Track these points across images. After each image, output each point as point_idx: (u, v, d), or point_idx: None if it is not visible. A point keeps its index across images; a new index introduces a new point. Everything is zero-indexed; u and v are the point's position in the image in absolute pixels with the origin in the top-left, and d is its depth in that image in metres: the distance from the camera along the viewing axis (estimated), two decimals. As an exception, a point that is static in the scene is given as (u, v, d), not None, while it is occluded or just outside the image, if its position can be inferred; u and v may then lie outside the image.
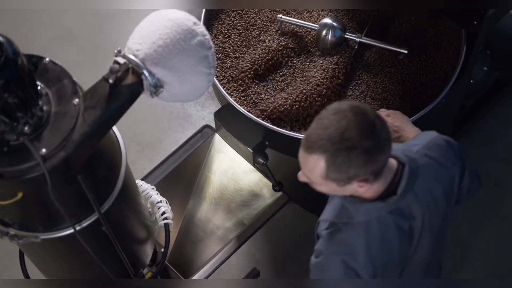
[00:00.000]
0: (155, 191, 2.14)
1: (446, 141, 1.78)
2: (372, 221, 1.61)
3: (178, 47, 1.41)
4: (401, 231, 1.65)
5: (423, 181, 1.65)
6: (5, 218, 1.52)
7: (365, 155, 1.47)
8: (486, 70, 2.95)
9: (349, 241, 1.62)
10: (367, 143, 1.46)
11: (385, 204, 1.60)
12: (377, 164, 1.51)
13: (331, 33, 2.48)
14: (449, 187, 1.74)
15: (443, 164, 1.73)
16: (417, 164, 1.65)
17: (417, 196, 1.65)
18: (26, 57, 1.31)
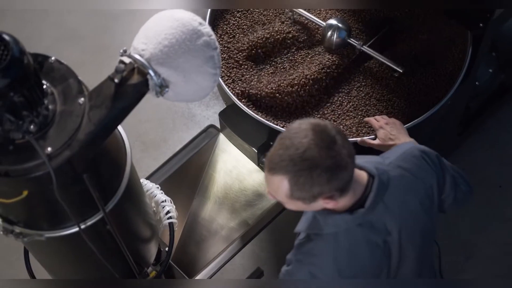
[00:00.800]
0: (160, 190, 2.14)
1: (421, 151, 1.79)
2: (340, 233, 1.63)
3: (183, 47, 1.41)
4: (373, 244, 1.66)
5: (395, 193, 1.67)
6: (10, 216, 1.52)
7: (327, 173, 1.49)
8: (491, 72, 2.94)
9: (316, 252, 1.65)
10: (328, 161, 1.49)
11: (352, 216, 1.62)
12: (341, 181, 1.53)
13: (336, 34, 2.48)
14: (427, 198, 1.74)
15: (417, 175, 1.73)
16: (388, 176, 1.67)
17: (390, 208, 1.66)
18: (32, 56, 1.31)
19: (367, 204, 1.61)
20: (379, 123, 2.14)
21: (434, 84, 2.41)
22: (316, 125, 1.52)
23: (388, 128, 2.09)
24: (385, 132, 2.09)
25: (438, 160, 1.81)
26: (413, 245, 1.72)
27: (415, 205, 1.71)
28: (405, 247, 1.70)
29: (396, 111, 2.37)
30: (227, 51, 2.54)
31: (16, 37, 1.26)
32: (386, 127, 2.10)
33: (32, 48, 1.33)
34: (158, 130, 3.45)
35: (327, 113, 2.39)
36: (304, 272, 1.65)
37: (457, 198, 1.87)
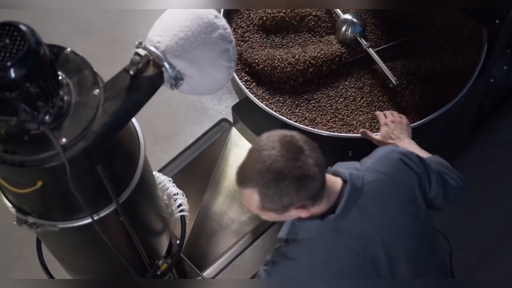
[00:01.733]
0: (172, 183, 2.14)
1: (400, 153, 1.79)
2: (314, 239, 1.65)
3: (199, 40, 1.41)
4: (349, 250, 1.66)
5: (371, 197, 1.67)
6: (24, 207, 1.53)
7: (295, 184, 1.52)
8: (506, 70, 2.93)
9: (291, 256, 1.67)
10: (295, 172, 1.51)
11: (323, 222, 1.63)
12: (310, 191, 1.55)
13: (351, 29, 2.48)
14: (408, 200, 1.73)
15: (395, 178, 1.73)
16: (363, 181, 1.67)
17: (367, 213, 1.66)
18: (48, 47, 1.31)
19: (338, 210, 1.63)
20: (385, 120, 2.14)
21: (448, 81, 2.40)
22: (282, 136, 1.55)
23: (392, 127, 2.10)
24: (388, 130, 2.10)
25: (420, 161, 1.80)
26: (401, 246, 1.71)
27: (395, 208, 1.71)
28: (392, 249, 1.69)
29: (410, 107, 2.36)
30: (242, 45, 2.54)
31: (32, 28, 1.27)
32: (390, 125, 2.11)
33: (45, 40, 1.33)
34: (170, 123, 3.46)
35: (340, 108, 2.39)
36: (279, 274, 1.67)
37: (448, 195, 1.85)
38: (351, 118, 2.36)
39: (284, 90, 2.44)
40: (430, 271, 1.80)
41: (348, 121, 2.36)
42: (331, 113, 2.38)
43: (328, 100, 2.41)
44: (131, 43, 1.45)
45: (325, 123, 2.36)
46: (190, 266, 2.36)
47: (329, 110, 2.39)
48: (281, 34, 2.58)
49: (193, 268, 2.35)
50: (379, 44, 2.52)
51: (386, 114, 2.18)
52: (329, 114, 2.38)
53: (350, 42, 2.49)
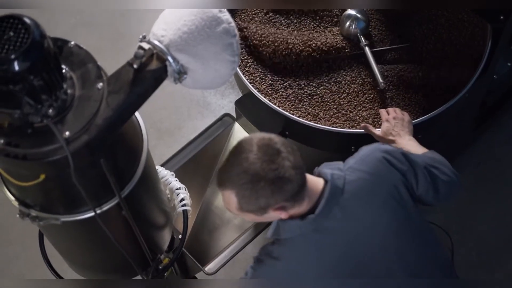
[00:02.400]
0: (174, 177, 2.14)
1: (383, 151, 1.79)
2: (297, 238, 1.67)
3: (203, 34, 1.40)
4: (333, 250, 1.68)
5: (353, 196, 1.68)
6: (27, 200, 1.53)
7: (270, 186, 1.55)
8: (510, 66, 2.92)
9: (275, 255, 1.69)
10: (271, 174, 1.54)
11: (303, 222, 1.65)
12: (286, 193, 1.58)
13: (354, 24, 2.48)
14: (391, 197, 1.74)
15: (376, 177, 1.74)
16: (344, 180, 1.69)
17: (349, 212, 1.68)
18: (51, 40, 1.31)
19: (317, 210, 1.65)
20: (386, 116, 2.14)
21: (451, 77, 2.40)
22: (260, 139, 1.59)
23: (393, 123, 2.11)
24: (389, 126, 2.11)
25: (405, 158, 1.80)
26: (389, 245, 1.72)
27: (377, 206, 1.72)
28: (379, 249, 1.71)
29: (413, 103, 2.36)
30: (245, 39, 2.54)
31: (36, 21, 1.26)
32: (391, 122, 2.12)
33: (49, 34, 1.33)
34: (173, 118, 3.46)
35: (343, 103, 2.39)
36: (264, 272, 1.71)
37: (439, 190, 1.85)
38: (354, 113, 2.36)
39: (281, 74, 2.47)
40: (430, 266, 1.80)
41: (351, 116, 2.35)
42: (334, 109, 2.38)
43: (331, 95, 2.41)
44: (135, 38, 1.45)
45: (328, 119, 2.36)
46: (192, 261, 2.36)
47: (332, 105, 2.39)
48: (287, 15, 2.58)
49: (194, 263, 2.35)
50: (382, 40, 2.52)
51: (389, 110, 2.18)
52: (332, 110, 2.38)
53: (353, 38, 2.50)
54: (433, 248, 1.83)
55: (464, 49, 2.44)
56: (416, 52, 2.47)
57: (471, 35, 2.45)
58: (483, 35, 2.42)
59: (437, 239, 1.87)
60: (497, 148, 3.23)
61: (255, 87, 2.41)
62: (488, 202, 3.10)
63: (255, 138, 1.59)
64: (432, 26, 2.50)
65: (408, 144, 2.00)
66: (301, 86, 2.43)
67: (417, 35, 2.50)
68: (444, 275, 1.85)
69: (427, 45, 2.47)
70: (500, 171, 3.18)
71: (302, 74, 2.46)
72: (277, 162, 1.55)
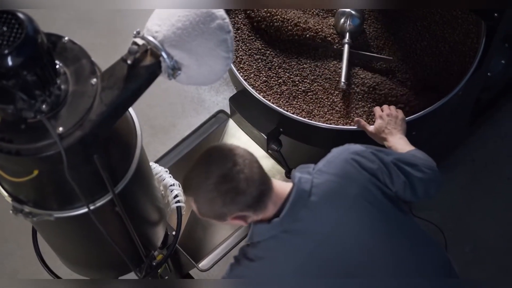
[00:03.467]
0: (168, 174, 2.14)
1: (352, 153, 1.81)
2: (268, 241, 1.72)
3: (197, 30, 1.40)
4: (304, 251, 1.71)
5: (321, 200, 1.71)
6: (20, 196, 1.52)
7: (222, 198, 1.62)
8: (504, 64, 2.93)
9: (250, 256, 1.74)
10: (223, 188, 1.61)
11: (270, 225, 1.70)
12: (239, 204, 1.64)
13: (349, 21, 2.48)
14: (363, 199, 1.75)
15: (344, 178, 1.76)
16: (312, 183, 1.72)
17: (318, 215, 1.71)
18: (45, 36, 1.31)
19: (282, 213, 1.69)
20: (380, 113, 2.15)
21: (446, 74, 2.40)
22: (219, 150, 1.66)
23: (386, 120, 2.12)
24: (381, 123, 2.11)
25: (375, 157, 1.81)
26: (363, 243, 1.74)
27: (346, 207, 1.73)
28: (351, 246, 1.73)
29: (405, 100, 2.36)
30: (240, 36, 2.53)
31: (30, 16, 1.26)
32: (385, 119, 2.12)
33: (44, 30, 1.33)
34: (167, 114, 3.46)
35: (337, 100, 2.39)
36: (240, 272, 1.75)
37: (415, 187, 1.85)
38: (348, 110, 2.36)
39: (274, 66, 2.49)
40: (419, 265, 1.81)
41: (345, 113, 2.35)
42: (328, 105, 2.38)
43: (325, 92, 2.41)
44: (129, 34, 1.44)
45: (322, 115, 2.36)
46: (185, 257, 2.36)
47: (326, 102, 2.39)
48: None
49: (188, 260, 2.35)
50: (377, 38, 2.52)
51: (383, 108, 2.19)
52: (326, 106, 2.38)
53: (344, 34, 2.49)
54: (422, 247, 1.83)
55: (458, 46, 2.44)
56: (410, 49, 2.47)
57: (465, 32, 2.45)
58: (477, 32, 2.43)
59: (428, 238, 1.87)
60: (492, 144, 3.23)
61: (249, 83, 2.41)
62: (482, 199, 3.11)
63: (216, 151, 1.67)
64: (426, 23, 2.50)
65: (398, 142, 2.01)
66: (295, 82, 2.43)
67: (411, 32, 2.50)
68: (438, 273, 1.84)
69: (421, 42, 2.48)
70: (495, 167, 3.18)
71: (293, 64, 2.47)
72: (230, 176, 1.61)
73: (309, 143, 2.43)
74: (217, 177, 1.61)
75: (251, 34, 2.54)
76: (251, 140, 2.58)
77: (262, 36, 2.54)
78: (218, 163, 1.63)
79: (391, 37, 2.52)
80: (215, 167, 1.62)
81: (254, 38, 2.53)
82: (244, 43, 2.53)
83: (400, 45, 2.49)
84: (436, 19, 2.50)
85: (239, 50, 2.51)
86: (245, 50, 2.51)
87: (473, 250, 2.99)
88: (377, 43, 2.51)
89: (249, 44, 2.52)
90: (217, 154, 1.65)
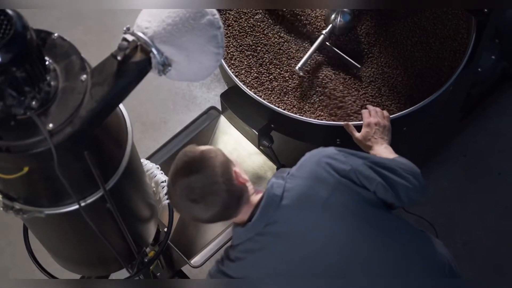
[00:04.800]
0: (160, 170, 2.14)
1: (322, 156, 1.84)
2: (246, 243, 1.78)
3: (187, 26, 1.40)
4: (278, 252, 1.77)
5: (292, 203, 1.76)
6: (11, 193, 1.52)
7: (175, 206, 1.75)
8: (494, 59, 2.94)
9: (232, 257, 1.82)
10: (175, 197, 1.70)
11: (244, 229, 1.77)
12: (200, 220, 1.74)
13: (340, 17, 2.48)
14: (336, 200, 1.77)
15: (315, 180, 1.78)
16: (284, 188, 1.77)
17: (288, 219, 1.76)
18: (35, 32, 1.31)
19: (254, 217, 1.75)
20: (368, 120, 2.13)
21: (436, 69, 2.41)
22: (184, 158, 1.71)
23: (373, 130, 2.10)
24: (368, 132, 2.10)
25: (348, 159, 1.83)
26: (338, 244, 1.77)
27: (318, 208, 1.76)
28: (324, 246, 1.77)
29: (399, 96, 2.37)
30: (230, 32, 2.53)
31: (19, 12, 1.26)
32: (372, 128, 2.10)
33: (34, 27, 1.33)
34: (158, 111, 3.45)
35: (327, 97, 2.39)
36: (220, 271, 1.84)
37: (396, 190, 1.83)
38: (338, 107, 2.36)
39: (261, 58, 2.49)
40: (398, 263, 1.81)
41: (335, 110, 2.35)
42: (318, 102, 2.38)
43: (315, 89, 2.41)
44: (120, 30, 1.44)
45: (313, 111, 2.36)
46: (177, 254, 2.36)
47: (315, 99, 2.39)
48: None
49: (180, 256, 2.35)
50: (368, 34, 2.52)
51: (371, 112, 2.16)
52: (317, 103, 2.38)
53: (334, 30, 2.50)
54: (402, 245, 1.84)
55: (448, 41, 2.44)
56: (401, 45, 2.48)
57: (455, 28, 2.46)
58: (467, 28, 2.43)
59: (411, 235, 1.87)
60: (482, 139, 3.25)
61: (241, 80, 2.41)
62: (474, 194, 3.12)
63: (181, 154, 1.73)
64: (417, 19, 2.51)
65: (382, 151, 2.02)
66: (285, 78, 2.43)
67: (402, 28, 2.51)
68: (428, 273, 1.84)
69: (412, 38, 2.48)
70: (486, 163, 3.20)
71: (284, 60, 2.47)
72: (178, 187, 1.68)
73: (300, 139, 2.43)
74: (174, 186, 1.70)
75: (242, 31, 2.54)
76: (243, 136, 2.58)
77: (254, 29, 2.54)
78: (177, 171, 1.70)
79: (382, 33, 2.52)
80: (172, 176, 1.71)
81: (245, 35, 2.53)
82: (235, 39, 2.52)
83: (391, 41, 2.49)
84: (427, 15, 2.51)
85: (230, 46, 2.51)
86: (236, 47, 2.51)
87: (465, 245, 3.00)
88: (368, 40, 2.51)
89: (240, 40, 2.52)
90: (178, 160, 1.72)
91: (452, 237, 2.99)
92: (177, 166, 1.70)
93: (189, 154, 1.70)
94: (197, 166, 1.67)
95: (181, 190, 1.67)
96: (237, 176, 1.72)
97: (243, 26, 2.55)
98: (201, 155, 1.69)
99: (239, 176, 1.72)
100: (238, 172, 1.73)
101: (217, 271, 1.86)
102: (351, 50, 2.49)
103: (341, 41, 2.51)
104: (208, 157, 1.69)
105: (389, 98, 2.37)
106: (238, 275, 1.81)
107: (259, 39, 2.52)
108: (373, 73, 2.43)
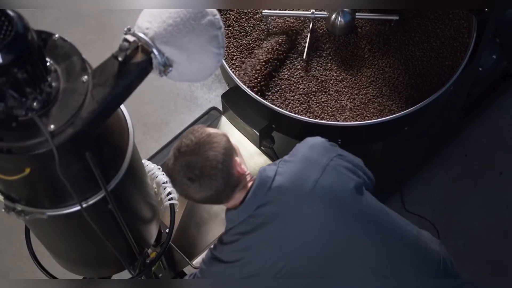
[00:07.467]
0: (161, 171, 2.14)
1: (313, 141, 1.93)
2: (238, 226, 1.84)
3: (188, 26, 1.40)
4: (267, 233, 1.82)
5: (282, 187, 1.81)
6: (12, 194, 1.52)
7: (183, 194, 1.82)
8: (495, 59, 2.94)
9: (224, 241, 1.88)
10: (180, 189, 1.80)
11: (237, 211, 1.83)
12: (194, 197, 1.80)
13: (340, 17, 2.48)
14: (326, 182, 1.82)
15: (306, 162, 1.86)
16: (275, 172, 1.83)
17: (277, 202, 1.80)
18: (35, 33, 1.30)
19: (246, 199, 1.81)
20: None
21: (437, 69, 2.40)
22: (191, 136, 1.77)
23: None
24: None
25: (335, 148, 1.95)
26: (327, 226, 1.82)
27: (307, 191, 1.80)
28: (313, 226, 1.81)
29: (400, 96, 2.37)
30: (231, 32, 2.53)
31: (20, 13, 1.25)
32: None
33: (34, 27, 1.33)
34: (159, 112, 3.45)
35: (329, 98, 2.39)
36: (215, 255, 1.90)
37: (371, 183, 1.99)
38: (339, 106, 2.36)
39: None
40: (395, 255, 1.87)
41: (336, 110, 2.35)
42: (319, 102, 2.38)
43: (316, 89, 2.41)
44: (120, 31, 1.44)
45: (314, 111, 2.36)
46: (179, 255, 2.36)
47: (314, 100, 2.38)
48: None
49: (182, 257, 2.35)
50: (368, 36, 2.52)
51: None
52: (318, 103, 2.37)
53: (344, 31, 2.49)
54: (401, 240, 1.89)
55: (449, 41, 2.44)
56: (402, 45, 2.48)
57: (456, 28, 2.46)
58: (468, 28, 2.43)
59: (401, 228, 1.92)
60: (483, 138, 3.25)
61: (242, 80, 2.41)
62: (475, 193, 3.12)
63: (179, 141, 1.80)
64: (419, 19, 2.51)
65: None
66: (286, 78, 2.43)
67: (403, 28, 2.50)
68: (408, 264, 1.88)
69: (413, 38, 2.48)
70: (487, 161, 3.20)
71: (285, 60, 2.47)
72: (173, 174, 1.78)
73: (302, 140, 2.43)
74: (171, 171, 1.78)
75: (242, 31, 2.54)
76: (244, 136, 2.58)
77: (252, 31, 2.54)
78: (174, 156, 1.78)
79: (383, 33, 2.52)
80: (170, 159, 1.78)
81: (246, 35, 2.53)
82: (235, 39, 2.52)
83: (392, 41, 2.49)
84: (428, 14, 2.51)
85: (230, 46, 2.51)
86: (236, 47, 2.51)
87: (466, 244, 3.00)
88: (368, 40, 2.51)
89: (241, 41, 2.52)
90: (174, 148, 1.79)
91: (453, 237, 2.99)
92: (183, 143, 1.76)
93: (197, 134, 1.76)
94: (201, 148, 1.73)
95: (180, 167, 1.74)
96: (236, 165, 1.78)
97: (244, 26, 2.55)
98: (207, 138, 1.75)
99: (238, 166, 1.79)
100: (238, 162, 1.80)
101: (210, 257, 1.91)
102: (351, 50, 2.49)
103: (342, 41, 2.50)
104: (214, 141, 1.75)
105: (390, 98, 2.36)
106: (231, 258, 1.85)
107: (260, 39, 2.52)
108: (374, 73, 2.43)
